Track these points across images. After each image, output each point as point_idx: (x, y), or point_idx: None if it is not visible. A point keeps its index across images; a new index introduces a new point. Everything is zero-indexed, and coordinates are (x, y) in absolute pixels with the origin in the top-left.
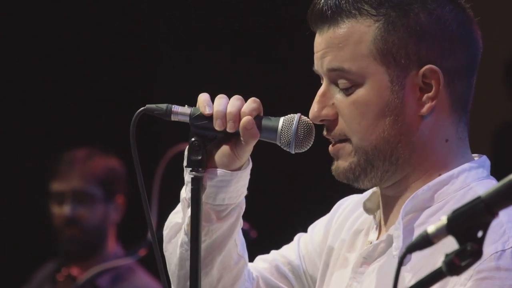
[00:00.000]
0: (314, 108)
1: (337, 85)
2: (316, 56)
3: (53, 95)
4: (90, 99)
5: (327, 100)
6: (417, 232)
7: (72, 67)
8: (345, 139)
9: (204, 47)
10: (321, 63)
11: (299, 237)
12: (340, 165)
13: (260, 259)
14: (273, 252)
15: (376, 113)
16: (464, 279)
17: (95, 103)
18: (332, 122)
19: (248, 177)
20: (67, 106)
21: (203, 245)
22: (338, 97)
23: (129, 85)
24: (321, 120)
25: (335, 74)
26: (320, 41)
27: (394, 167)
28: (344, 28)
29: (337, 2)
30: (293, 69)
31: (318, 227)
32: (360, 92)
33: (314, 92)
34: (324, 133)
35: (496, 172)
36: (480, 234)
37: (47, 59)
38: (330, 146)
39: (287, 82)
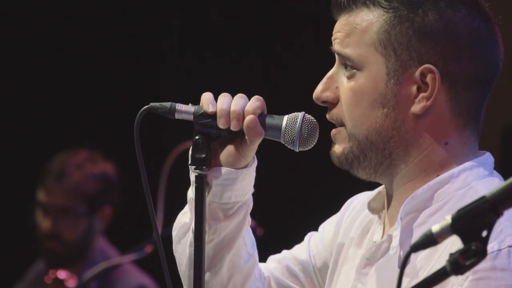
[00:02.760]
0: (318, 88)
1: (345, 69)
2: (332, 39)
3: (49, 94)
4: (90, 99)
5: (332, 83)
6: (416, 232)
7: (71, 66)
8: (342, 124)
9: (208, 46)
10: (333, 46)
11: (310, 236)
12: (336, 149)
13: (272, 259)
14: (284, 252)
15: (369, 103)
16: (461, 279)
17: (95, 103)
18: (332, 105)
19: (254, 174)
20: (66, 106)
21: (212, 244)
22: (342, 81)
23: (132, 85)
24: (323, 102)
25: (342, 58)
26: (336, 26)
27: (387, 161)
28: (355, 16)
29: None
30: (297, 68)
31: (328, 225)
32: (358, 80)
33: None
34: (327, 115)
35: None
36: (484, 233)
37: (45, 59)
38: (332, 130)
39: (291, 80)
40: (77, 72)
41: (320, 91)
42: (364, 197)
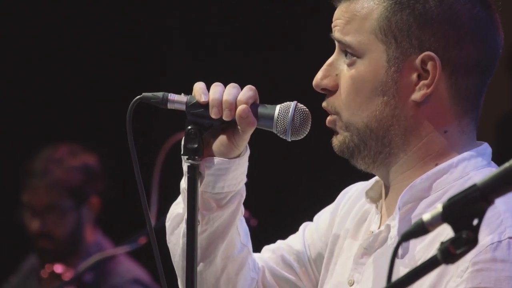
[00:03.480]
0: (318, 75)
1: (345, 56)
2: (332, 26)
3: (37, 89)
4: (82, 92)
5: (332, 70)
6: None
7: (61, 61)
8: (336, 114)
9: (201, 39)
10: (334, 33)
11: (305, 226)
12: (337, 139)
13: (266, 249)
14: (279, 241)
15: (369, 90)
16: (461, 270)
17: (88, 95)
18: (331, 93)
19: (247, 164)
20: (56, 99)
21: (205, 235)
22: (343, 69)
23: (125, 75)
24: (322, 89)
25: (342, 46)
26: (336, 12)
27: (387, 149)
28: (356, 3)
29: None
30: (293, 58)
31: (323, 215)
32: (359, 68)
33: (312, 81)
34: (323, 103)
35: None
36: (475, 222)
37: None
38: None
39: (285, 70)
40: (70, 65)
41: (320, 78)
42: (360, 187)
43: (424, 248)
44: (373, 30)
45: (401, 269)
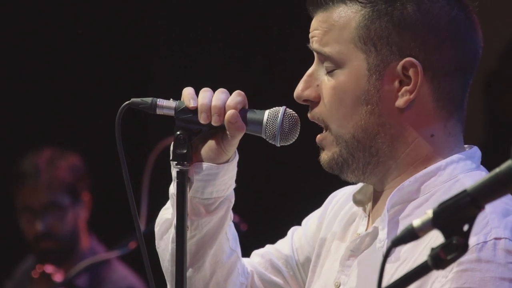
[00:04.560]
0: (299, 87)
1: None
2: (309, 36)
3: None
4: (71, 95)
5: (313, 81)
6: (402, 224)
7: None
8: (326, 127)
9: (190, 44)
10: (311, 44)
11: (293, 230)
12: (325, 155)
13: (255, 254)
14: (267, 246)
15: (353, 100)
16: (446, 271)
17: (77, 98)
18: (314, 104)
19: (235, 169)
20: (44, 102)
21: (194, 240)
22: (323, 79)
23: (115, 78)
24: (304, 101)
25: (321, 56)
26: (313, 23)
27: (375, 159)
28: (332, 13)
29: None
30: (281, 64)
31: (311, 219)
32: (340, 78)
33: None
34: (308, 114)
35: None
36: (466, 227)
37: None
38: (317, 136)
39: (273, 75)
40: (61, 67)
41: (301, 89)
42: (348, 190)
43: (410, 249)
44: (352, 39)
45: (387, 269)
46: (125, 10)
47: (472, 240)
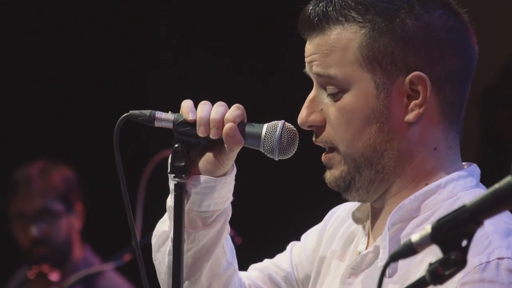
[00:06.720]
0: (303, 113)
1: (326, 90)
2: (306, 61)
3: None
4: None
5: (316, 106)
6: None
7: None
8: (333, 148)
9: (189, 56)
10: (310, 69)
11: (292, 245)
12: (332, 174)
13: (253, 268)
14: (266, 260)
15: (362, 120)
16: None
17: (76, 109)
18: (320, 128)
19: (233, 182)
20: (41, 113)
21: (191, 253)
22: (327, 102)
23: (115, 89)
24: (309, 126)
25: (323, 80)
26: (309, 47)
27: (380, 176)
28: (331, 34)
29: (324, 9)
30: (282, 76)
31: (311, 235)
32: (346, 99)
33: (300, 99)
34: (313, 139)
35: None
36: (464, 243)
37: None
38: (323, 155)
39: (272, 89)
40: (59, 75)
41: (305, 115)
42: (347, 207)
43: (414, 267)
44: (356, 60)
45: (390, 287)
46: (122, 23)
47: (475, 261)
